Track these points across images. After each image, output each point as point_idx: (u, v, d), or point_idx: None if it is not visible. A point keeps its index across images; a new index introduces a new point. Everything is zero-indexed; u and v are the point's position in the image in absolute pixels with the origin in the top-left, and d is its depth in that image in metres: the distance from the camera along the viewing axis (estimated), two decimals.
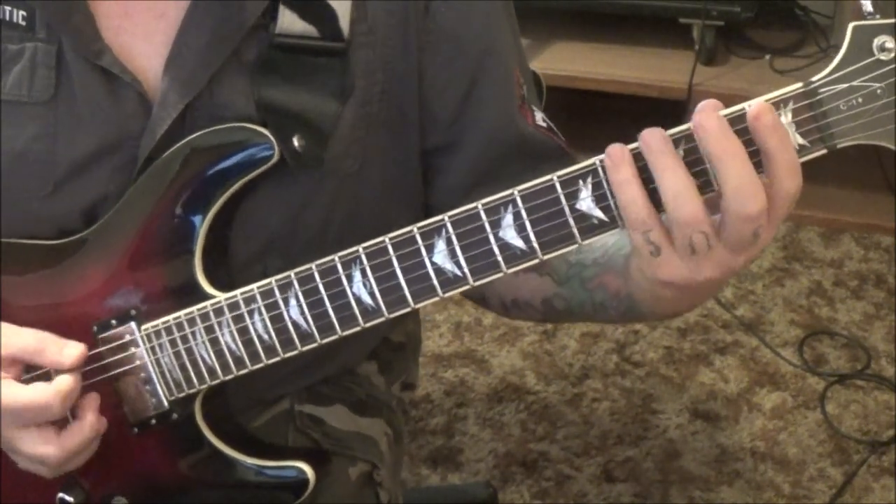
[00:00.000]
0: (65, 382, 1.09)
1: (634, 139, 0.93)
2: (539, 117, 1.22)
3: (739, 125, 0.90)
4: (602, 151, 0.94)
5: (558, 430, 2.39)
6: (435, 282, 1.01)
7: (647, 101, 2.84)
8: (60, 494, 1.18)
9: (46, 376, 1.11)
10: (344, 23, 1.12)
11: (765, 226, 0.90)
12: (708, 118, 0.88)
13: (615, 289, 1.08)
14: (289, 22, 1.11)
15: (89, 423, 1.12)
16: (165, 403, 1.14)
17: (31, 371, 1.13)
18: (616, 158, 0.92)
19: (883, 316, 2.65)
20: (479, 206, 0.97)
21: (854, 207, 2.96)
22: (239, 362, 1.10)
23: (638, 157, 0.92)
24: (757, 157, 0.90)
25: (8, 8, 1.13)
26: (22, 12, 1.13)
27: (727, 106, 0.91)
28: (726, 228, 0.90)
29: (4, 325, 1.13)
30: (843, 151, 0.93)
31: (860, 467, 2.26)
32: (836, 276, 2.79)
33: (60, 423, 1.11)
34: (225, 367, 1.11)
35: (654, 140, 0.90)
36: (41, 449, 1.09)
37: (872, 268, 2.81)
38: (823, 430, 2.36)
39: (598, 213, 0.94)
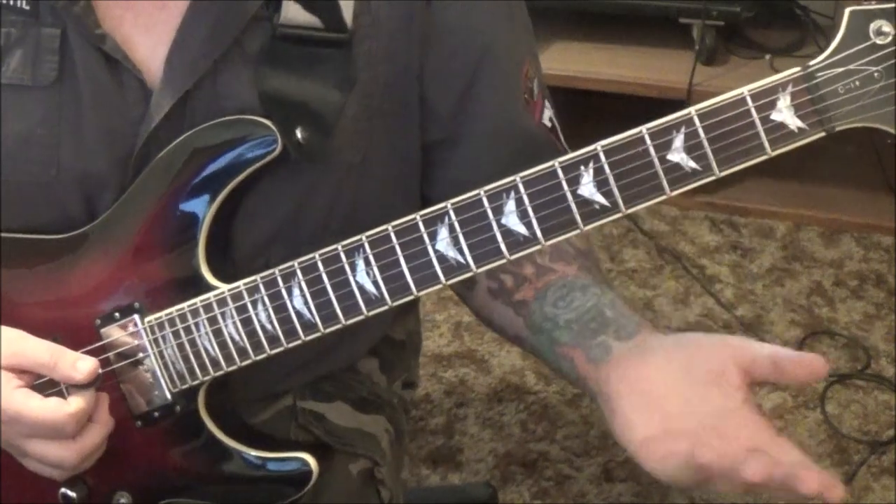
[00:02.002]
0: (79, 404, 1.08)
1: None
2: (547, 116, 1.23)
3: (732, 111, 0.92)
4: None
5: (558, 430, 2.39)
6: (438, 269, 1.01)
7: (647, 101, 2.84)
8: (63, 490, 1.17)
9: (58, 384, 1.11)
10: (347, 14, 1.13)
11: None
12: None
13: (583, 372, 1.07)
14: (293, 13, 1.11)
15: (104, 422, 1.12)
16: (169, 396, 1.14)
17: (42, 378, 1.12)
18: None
19: (883, 316, 2.65)
20: (482, 193, 0.98)
21: (854, 207, 2.95)
22: (242, 353, 1.10)
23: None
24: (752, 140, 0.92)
25: None
26: None
27: None
28: None
29: (19, 333, 1.12)
30: (843, 150, 0.94)
31: (860, 467, 2.26)
32: (836, 276, 2.79)
33: None
34: (228, 359, 1.11)
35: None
36: (56, 454, 1.09)
37: (872, 268, 2.81)
38: (823, 430, 2.35)
39: (600, 199, 0.95)
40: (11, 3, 1.13)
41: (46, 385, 1.11)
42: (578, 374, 1.08)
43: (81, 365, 1.09)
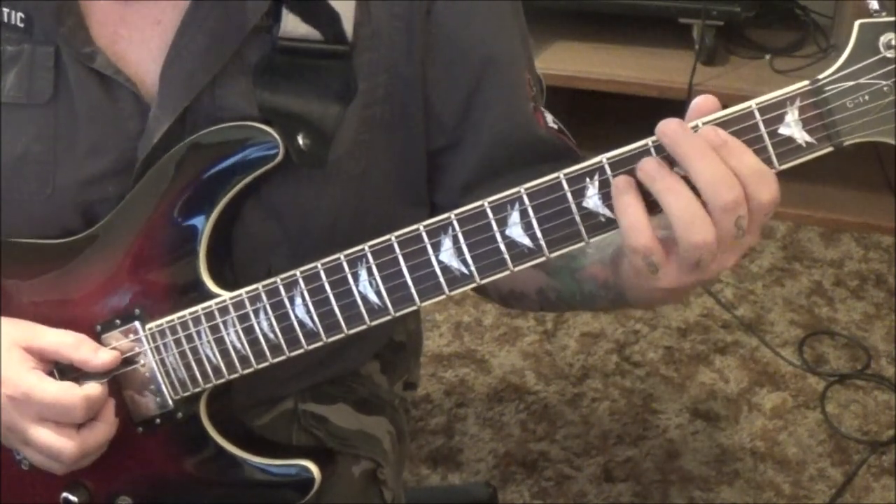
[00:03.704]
0: (93, 389, 1.10)
1: (634, 139, 0.93)
2: (550, 119, 1.23)
3: (740, 124, 0.91)
4: (602, 151, 0.95)
5: (558, 430, 2.39)
6: (441, 280, 1.01)
7: (647, 101, 2.84)
8: (64, 494, 1.18)
9: (75, 382, 1.11)
10: (347, 25, 1.12)
11: (745, 216, 0.90)
12: (667, 122, 0.91)
13: (603, 279, 1.09)
14: (292, 25, 1.11)
15: (109, 423, 1.12)
16: (170, 403, 1.14)
17: (62, 374, 1.13)
18: (621, 186, 0.93)
19: (883, 316, 2.65)
20: (486, 205, 0.98)
21: (854, 207, 2.96)
22: (244, 361, 1.10)
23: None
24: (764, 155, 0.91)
25: (6, 10, 1.13)
26: (20, 14, 1.13)
27: (726, 107, 0.92)
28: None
29: (34, 323, 1.13)
30: (844, 151, 0.93)
31: (860, 467, 2.26)
32: (836, 276, 2.79)
33: None
34: (230, 367, 1.11)
35: (650, 167, 0.92)
36: (58, 443, 1.09)
37: (872, 268, 2.81)
38: (823, 430, 2.36)
39: (605, 211, 0.95)
40: (6, 19, 1.13)
41: (61, 374, 1.12)
42: (601, 285, 1.10)
43: (103, 352, 1.12)
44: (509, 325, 2.66)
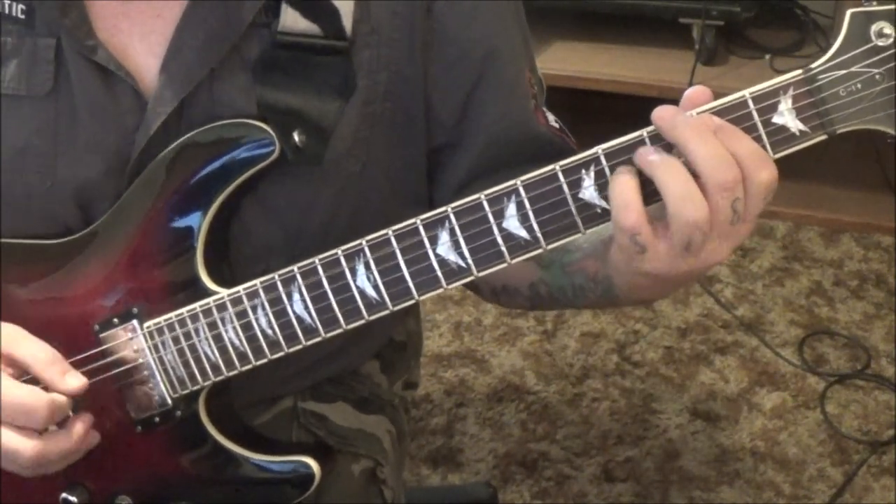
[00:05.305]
0: (60, 396, 1.09)
1: None
2: (551, 118, 1.23)
3: (734, 113, 0.92)
4: None
5: (558, 430, 2.39)
6: (439, 273, 1.01)
7: (647, 101, 2.82)
8: (63, 495, 1.17)
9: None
10: (347, 21, 1.12)
11: (742, 199, 0.90)
12: (662, 108, 0.92)
13: (593, 272, 1.09)
14: (291, 20, 1.11)
15: (76, 434, 1.11)
16: (169, 401, 1.14)
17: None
18: (620, 169, 0.93)
19: (883, 316, 2.65)
20: (483, 197, 0.98)
21: (854, 207, 2.96)
22: (243, 358, 1.10)
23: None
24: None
25: (7, 2, 1.13)
26: (21, 6, 1.13)
27: None
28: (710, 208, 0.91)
29: (21, 330, 1.12)
30: (843, 150, 0.94)
31: (860, 467, 2.26)
32: (836, 276, 2.79)
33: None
34: (229, 364, 1.11)
35: (646, 149, 0.93)
36: (16, 444, 1.08)
37: (872, 268, 2.81)
38: (823, 430, 2.36)
39: (601, 202, 0.95)
40: (7, 11, 1.13)
41: (30, 381, 1.11)
42: (590, 278, 1.10)
43: (71, 377, 1.10)
44: (509, 325, 2.66)
